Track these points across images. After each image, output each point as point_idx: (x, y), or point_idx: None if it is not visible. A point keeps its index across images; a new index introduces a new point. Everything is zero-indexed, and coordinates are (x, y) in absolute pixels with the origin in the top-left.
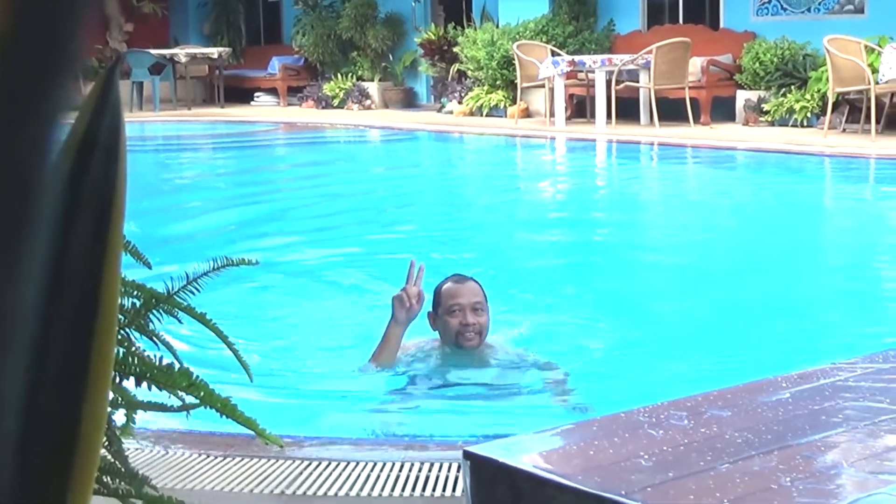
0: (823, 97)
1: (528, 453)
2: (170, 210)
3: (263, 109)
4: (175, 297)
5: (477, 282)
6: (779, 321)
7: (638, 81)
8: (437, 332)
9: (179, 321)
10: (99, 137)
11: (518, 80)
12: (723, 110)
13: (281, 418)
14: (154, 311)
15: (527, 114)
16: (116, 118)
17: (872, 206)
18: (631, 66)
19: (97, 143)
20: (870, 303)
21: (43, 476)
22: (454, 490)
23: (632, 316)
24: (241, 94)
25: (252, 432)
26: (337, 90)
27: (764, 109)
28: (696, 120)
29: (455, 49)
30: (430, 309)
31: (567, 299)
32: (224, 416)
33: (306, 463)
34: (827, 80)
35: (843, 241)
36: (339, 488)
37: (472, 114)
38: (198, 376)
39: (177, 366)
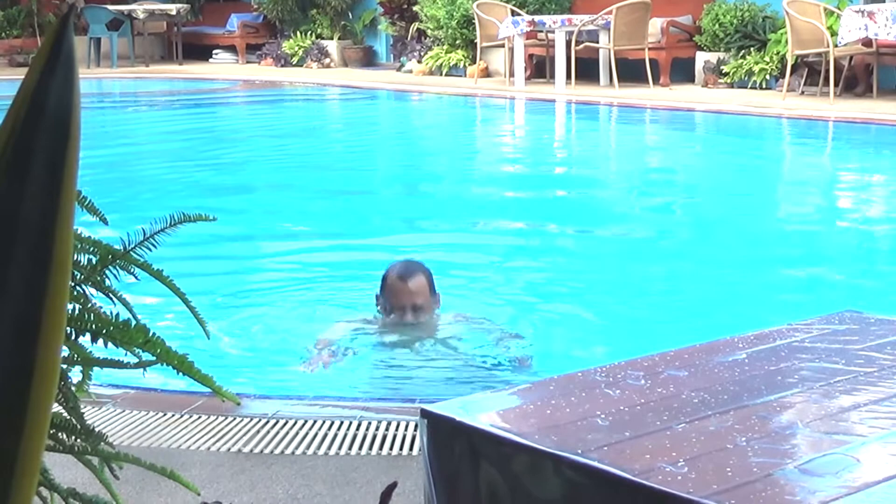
0: (782, 59)
1: (485, 412)
2: (127, 167)
3: (222, 67)
4: (132, 253)
5: (425, 271)
6: (735, 282)
7: (598, 42)
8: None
9: (136, 278)
10: (51, 91)
11: (478, 40)
12: (682, 72)
13: (238, 376)
14: (110, 268)
15: (486, 73)
16: (70, 73)
17: (830, 169)
18: (591, 27)
19: (48, 98)
20: (825, 264)
21: None
22: (411, 449)
23: (589, 275)
24: (199, 51)
25: (209, 390)
26: (296, 48)
27: (723, 71)
28: (656, 81)
29: (415, 8)
30: (378, 291)
31: (524, 259)
32: (181, 374)
33: (263, 421)
34: (786, 42)
35: (800, 203)
36: (297, 447)
37: (431, 73)
38: (154, 333)
39: (133, 322)
